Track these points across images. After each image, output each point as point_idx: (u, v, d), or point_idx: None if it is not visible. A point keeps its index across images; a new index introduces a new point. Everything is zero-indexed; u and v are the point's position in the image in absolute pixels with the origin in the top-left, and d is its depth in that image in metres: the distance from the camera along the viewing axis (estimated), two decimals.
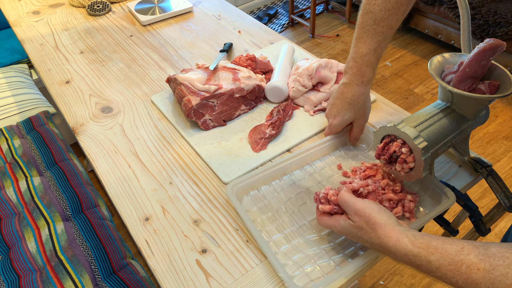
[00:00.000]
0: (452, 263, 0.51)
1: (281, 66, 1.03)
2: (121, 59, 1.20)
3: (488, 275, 0.48)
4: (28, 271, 0.97)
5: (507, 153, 2.01)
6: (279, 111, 0.94)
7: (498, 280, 0.47)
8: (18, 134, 1.38)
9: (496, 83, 0.71)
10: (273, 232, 0.73)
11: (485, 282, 0.48)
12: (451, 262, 0.51)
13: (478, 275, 0.48)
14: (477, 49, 0.69)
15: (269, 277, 0.67)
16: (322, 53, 2.75)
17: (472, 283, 0.49)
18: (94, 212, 1.11)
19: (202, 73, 0.98)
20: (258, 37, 1.28)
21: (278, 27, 3.03)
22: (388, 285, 1.53)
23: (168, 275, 0.68)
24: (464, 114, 0.73)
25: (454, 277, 0.51)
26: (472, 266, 0.49)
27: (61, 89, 1.10)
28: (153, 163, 0.88)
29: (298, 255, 0.70)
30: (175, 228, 0.76)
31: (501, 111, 2.24)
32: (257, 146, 0.89)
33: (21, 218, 1.08)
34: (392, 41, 2.83)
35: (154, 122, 0.98)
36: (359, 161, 0.86)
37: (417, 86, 2.45)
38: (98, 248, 1.01)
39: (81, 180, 1.20)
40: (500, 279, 0.47)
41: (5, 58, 1.89)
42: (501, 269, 0.47)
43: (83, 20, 1.40)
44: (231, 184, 0.77)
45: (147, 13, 1.37)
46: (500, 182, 0.75)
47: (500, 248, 0.49)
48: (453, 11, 2.37)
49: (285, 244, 0.71)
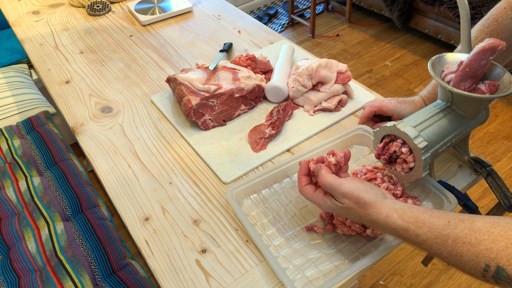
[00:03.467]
0: (439, 236, 0.53)
1: (281, 66, 1.03)
2: (121, 59, 1.20)
3: (473, 249, 0.50)
4: (28, 271, 0.97)
5: (507, 153, 2.01)
6: (279, 111, 0.94)
7: (482, 254, 0.49)
8: (18, 134, 1.38)
9: (496, 83, 0.71)
10: (274, 236, 0.73)
11: (469, 255, 0.50)
12: (438, 235, 0.53)
13: (463, 248, 0.51)
14: (477, 49, 0.68)
15: (269, 277, 0.67)
16: (322, 53, 2.75)
17: (457, 255, 0.51)
18: (94, 212, 1.11)
19: (202, 73, 0.98)
20: (258, 37, 1.28)
21: (278, 27, 3.03)
22: (388, 285, 1.53)
23: (168, 275, 0.68)
24: (464, 114, 0.73)
25: (439, 249, 0.53)
26: (458, 240, 0.51)
27: (61, 89, 1.10)
28: (153, 163, 0.88)
29: (299, 259, 0.69)
30: (175, 228, 0.75)
31: (501, 111, 2.24)
32: (257, 146, 0.89)
33: (21, 218, 1.08)
34: (392, 41, 2.83)
35: (154, 122, 0.98)
36: (360, 164, 0.86)
37: (417, 86, 2.45)
38: (98, 248, 1.01)
39: (81, 180, 1.20)
40: (484, 253, 0.49)
41: (5, 58, 1.89)
42: (485, 244, 0.49)
43: (83, 20, 1.40)
44: (231, 188, 0.76)
45: (147, 13, 1.37)
46: (500, 182, 0.75)
47: (484, 223, 0.51)
48: (453, 11, 2.37)
49: (286, 248, 0.71)
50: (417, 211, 0.57)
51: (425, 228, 0.54)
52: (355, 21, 3.04)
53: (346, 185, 0.61)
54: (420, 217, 0.56)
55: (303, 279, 0.66)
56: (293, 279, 0.66)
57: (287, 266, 0.68)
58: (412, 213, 0.57)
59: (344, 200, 0.61)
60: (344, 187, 0.61)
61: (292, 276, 0.67)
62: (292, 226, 0.74)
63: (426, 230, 0.54)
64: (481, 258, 0.49)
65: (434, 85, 0.84)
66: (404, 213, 0.57)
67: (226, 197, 0.76)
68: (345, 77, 0.98)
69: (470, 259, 0.50)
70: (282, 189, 0.81)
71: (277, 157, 0.88)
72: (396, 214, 0.57)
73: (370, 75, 2.55)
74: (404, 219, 0.57)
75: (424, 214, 0.56)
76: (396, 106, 0.85)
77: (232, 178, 0.83)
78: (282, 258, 0.69)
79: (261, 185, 0.80)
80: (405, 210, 0.57)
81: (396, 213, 0.58)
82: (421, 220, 0.55)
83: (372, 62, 2.65)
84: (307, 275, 0.67)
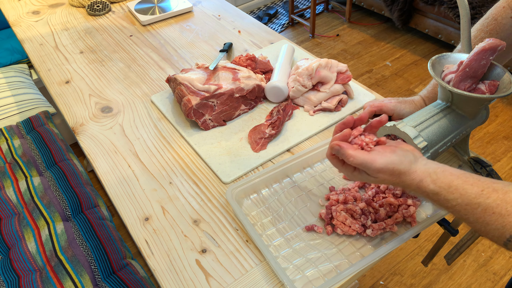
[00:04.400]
0: (469, 204, 0.53)
1: (281, 66, 1.03)
2: (121, 59, 1.20)
3: (502, 219, 0.50)
4: (28, 271, 0.97)
5: (507, 153, 2.01)
6: (279, 111, 0.94)
7: (510, 225, 0.49)
8: (18, 134, 1.38)
9: (496, 83, 0.71)
10: (274, 236, 0.73)
11: (496, 225, 0.50)
12: (468, 203, 0.53)
13: (492, 218, 0.51)
14: (477, 48, 0.68)
15: (269, 277, 0.67)
16: (322, 53, 2.75)
17: (483, 223, 0.52)
18: (94, 212, 1.11)
19: (202, 73, 0.98)
20: (258, 37, 1.28)
21: (278, 27, 3.03)
22: (388, 285, 1.53)
23: (168, 275, 0.68)
24: (464, 114, 0.73)
25: (466, 215, 0.53)
26: (488, 209, 0.51)
27: (61, 89, 1.10)
28: (153, 163, 0.88)
29: (299, 259, 0.69)
30: (175, 228, 0.75)
31: (501, 111, 2.24)
32: (257, 146, 0.89)
33: (21, 218, 1.08)
34: (392, 41, 2.83)
35: (154, 122, 0.98)
36: None
37: (417, 86, 2.45)
38: (98, 248, 1.01)
39: (81, 180, 1.20)
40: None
41: (5, 58, 1.89)
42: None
43: (83, 20, 1.40)
44: (231, 188, 0.76)
45: (147, 13, 1.37)
46: None
47: None
48: (453, 11, 2.37)
49: (286, 248, 0.71)
50: (451, 175, 0.56)
51: (456, 194, 0.54)
52: (355, 21, 3.04)
53: (379, 161, 0.58)
54: (453, 182, 0.55)
55: (303, 279, 0.66)
56: (293, 279, 0.66)
57: (287, 266, 0.68)
58: (446, 177, 0.55)
59: (379, 174, 0.59)
60: (377, 164, 0.58)
61: (292, 276, 0.67)
62: (292, 226, 0.74)
63: (458, 196, 0.54)
64: (507, 229, 0.49)
65: (434, 85, 0.84)
66: (438, 177, 0.56)
67: (226, 197, 0.76)
68: (345, 77, 0.98)
69: (496, 228, 0.50)
70: (282, 189, 0.81)
71: (277, 157, 0.88)
72: (429, 179, 0.56)
73: (370, 75, 2.55)
74: (437, 183, 0.56)
75: (458, 180, 0.55)
76: (396, 106, 0.85)
77: (232, 178, 0.83)
78: (282, 258, 0.69)
79: (261, 185, 0.80)
80: (439, 174, 0.56)
81: (429, 177, 0.57)
82: (454, 186, 0.54)
83: (372, 62, 2.65)
84: (307, 275, 0.67)
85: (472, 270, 1.56)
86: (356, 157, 0.58)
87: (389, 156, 0.58)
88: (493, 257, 1.59)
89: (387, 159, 0.58)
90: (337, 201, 0.76)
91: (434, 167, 0.57)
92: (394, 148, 0.60)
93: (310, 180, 0.83)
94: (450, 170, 0.57)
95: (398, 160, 0.58)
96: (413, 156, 0.59)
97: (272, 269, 0.67)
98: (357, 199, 0.76)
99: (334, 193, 0.78)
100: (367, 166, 0.58)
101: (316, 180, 0.83)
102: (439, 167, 0.57)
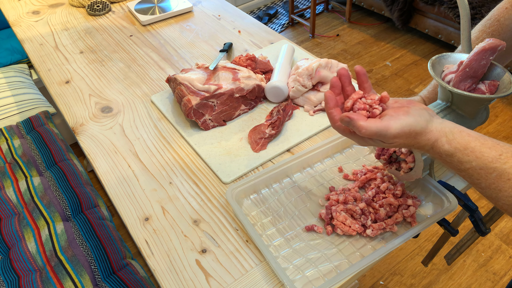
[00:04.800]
0: (484, 168, 0.50)
1: (281, 66, 1.03)
2: (121, 59, 1.20)
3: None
4: (28, 271, 0.97)
5: None
6: (279, 111, 0.94)
7: None
8: (18, 134, 1.38)
9: (496, 83, 0.71)
10: (274, 236, 0.73)
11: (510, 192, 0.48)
12: (483, 167, 0.50)
13: (506, 184, 0.49)
14: (477, 49, 0.68)
15: (269, 277, 0.67)
16: (322, 53, 2.75)
17: (496, 189, 0.49)
18: (94, 212, 1.11)
19: (202, 73, 0.98)
20: (258, 37, 1.28)
21: (278, 27, 3.03)
22: (388, 285, 1.53)
23: (168, 275, 0.68)
24: (464, 114, 0.73)
25: (479, 179, 0.51)
26: (503, 175, 0.49)
27: (61, 89, 1.10)
28: (153, 163, 0.88)
29: (299, 259, 0.69)
30: (175, 228, 0.75)
31: (501, 111, 2.24)
32: (257, 146, 0.89)
33: (21, 218, 1.08)
34: (392, 41, 2.83)
35: (154, 122, 0.98)
36: (360, 164, 0.86)
37: (417, 86, 2.45)
38: (98, 248, 1.01)
39: (81, 180, 1.20)
40: None
41: (5, 58, 1.89)
42: None
43: (83, 20, 1.40)
44: (231, 188, 0.76)
45: (147, 13, 1.37)
46: None
47: None
48: (453, 11, 2.37)
49: (286, 248, 0.71)
50: (468, 136, 0.52)
51: (472, 156, 0.51)
52: (355, 21, 3.04)
53: (393, 126, 0.53)
54: (470, 144, 0.52)
55: (303, 279, 0.66)
56: (293, 279, 0.66)
57: (287, 266, 0.68)
58: (463, 138, 0.52)
59: (395, 140, 0.55)
60: (393, 130, 0.53)
61: (292, 276, 0.67)
62: (292, 226, 0.74)
63: (473, 159, 0.51)
64: None
65: (434, 85, 0.84)
66: (454, 138, 0.53)
67: (226, 197, 0.76)
68: None
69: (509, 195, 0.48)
70: (282, 189, 0.81)
71: (277, 157, 0.88)
72: (445, 139, 0.53)
73: (370, 75, 2.55)
74: (452, 144, 0.52)
75: (475, 142, 0.52)
76: None
77: (232, 178, 0.83)
78: (282, 258, 0.69)
79: (261, 185, 0.80)
80: (455, 134, 0.53)
81: (445, 137, 0.53)
82: (470, 148, 0.51)
83: (372, 62, 2.65)
84: (307, 275, 0.67)
85: (472, 270, 1.56)
86: (369, 127, 0.53)
87: (403, 119, 0.54)
88: (493, 257, 1.59)
89: (402, 122, 0.54)
90: (337, 201, 0.76)
91: (451, 126, 0.54)
92: (407, 109, 0.56)
93: (310, 180, 0.83)
94: (467, 131, 0.53)
95: (414, 120, 0.54)
96: (429, 114, 0.56)
97: (272, 269, 0.67)
98: (357, 199, 0.76)
99: (334, 193, 0.78)
100: (382, 135, 0.54)
101: (316, 180, 0.83)
102: (456, 127, 0.54)
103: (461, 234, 1.33)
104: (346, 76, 0.61)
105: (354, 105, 0.58)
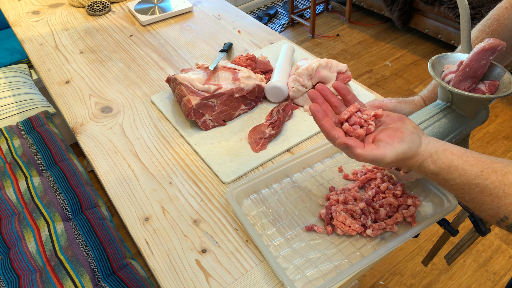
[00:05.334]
0: (467, 184, 0.54)
1: (281, 66, 1.03)
2: (121, 59, 1.20)
3: (498, 201, 0.51)
4: (28, 271, 0.97)
5: (507, 153, 2.01)
6: (279, 111, 0.94)
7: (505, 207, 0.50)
8: (18, 134, 1.38)
9: (496, 83, 0.71)
10: (274, 236, 0.73)
11: (491, 205, 0.51)
12: (466, 183, 0.54)
13: (488, 199, 0.52)
14: (476, 49, 0.68)
15: (269, 277, 0.67)
16: (322, 53, 2.75)
17: (479, 202, 0.53)
18: (94, 212, 1.11)
19: (202, 73, 0.98)
20: (258, 37, 1.28)
21: (278, 27, 3.03)
22: (388, 285, 1.53)
23: (168, 275, 0.68)
24: (464, 114, 0.73)
25: (463, 193, 0.54)
26: (485, 191, 0.52)
27: (61, 89, 1.10)
28: (153, 163, 0.88)
29: (299, 259, 0.69)
30: (175, 228, 0.75)
31: (501, 111, 2.24)
32: (257, 146, 0.89)
33: (21, 218, 1.08)
34: (392, 41, 2.83)
35: (154, 122, 0.98)
36: (360, 164, 0.86)
37: (417, 86, 2.45)
38: (98, 248, 1.01)
39: (81, 180, 1.20)
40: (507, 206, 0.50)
41: (5, 58, 1.89)
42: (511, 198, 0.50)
43: (83, 20, 1.40)
44: (231, 188, 0.76)
45: (147, 13, 1.37)
46: None
47: None
48: (453, 11, 2.37)
49: (286, 248, 0.71)
50: (451, 155, 0.55)
51: (456, 174, 0.54)
52: (355, 21, 3.04)
53: (389, 154, 0.56)
54: (453, 162, 0.55)
55: (303, 279, 0.66)
56: (293, 279, 0.66)
57: (287, 266, 0.68)
58: (447, 157, 0.56)
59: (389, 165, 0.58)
60: (388, 158, 0.56)
61: (292, 276, 0.67)
62: (292, 226, 0.74)
63: (456, 176, 0.54)
64: (502, 210, 0.50)
65: (434, 85, 0.84)
66: (438, 158, 0.56)
67: (226, 197, 0.76)
68: (345, 77, 0.98)
69: (491, 208, 0.51)
70: (282, 189, 0.81)
71: (277, 157, 0.88)
72: (430, 159, 0.57)
73: (370, 75, 2.55)
74: (437, 164, 0.56)
75: (458, 160, 0.55)
76: (396, 106, 0.85)
77: (232, 178, 0.83)
78: (282, 258, 0.69)
79: (261, 185, 0.80)
80: (440, 154, 0.56)
81: (430, 158, 0.57)
82: (454, 166, 0.55)
83: (372, 62, 2.65)
84: (307, 275, 0.67)
85: (472, 270, 1.56)
86: (366, 155, 0.56)
87: (398, 147, 0.57)
88: (493, 257, 1.59)
89: (396, 150, 0.56)
90: (337, 201, 0.76)
91: (437, 146, 0.57)
92: (401, 135, 0.58)
93: (310, 180, 0.83)
94: (451, 148, 0.56)
95: (407, 148, 0.57)
96: (419, 138, 0.58)
97: (272, 269, 0.67)
98: (357, 199, 0.76)
99: (334, 193, 0.78)
100: (378, 161, 0.57)
101: (316, 180, 0.83)
102: (440, 146, 0.57)
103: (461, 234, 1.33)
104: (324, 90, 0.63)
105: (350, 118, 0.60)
